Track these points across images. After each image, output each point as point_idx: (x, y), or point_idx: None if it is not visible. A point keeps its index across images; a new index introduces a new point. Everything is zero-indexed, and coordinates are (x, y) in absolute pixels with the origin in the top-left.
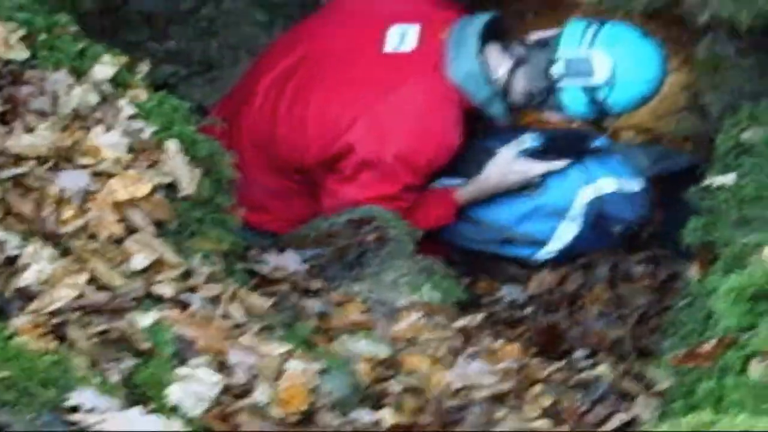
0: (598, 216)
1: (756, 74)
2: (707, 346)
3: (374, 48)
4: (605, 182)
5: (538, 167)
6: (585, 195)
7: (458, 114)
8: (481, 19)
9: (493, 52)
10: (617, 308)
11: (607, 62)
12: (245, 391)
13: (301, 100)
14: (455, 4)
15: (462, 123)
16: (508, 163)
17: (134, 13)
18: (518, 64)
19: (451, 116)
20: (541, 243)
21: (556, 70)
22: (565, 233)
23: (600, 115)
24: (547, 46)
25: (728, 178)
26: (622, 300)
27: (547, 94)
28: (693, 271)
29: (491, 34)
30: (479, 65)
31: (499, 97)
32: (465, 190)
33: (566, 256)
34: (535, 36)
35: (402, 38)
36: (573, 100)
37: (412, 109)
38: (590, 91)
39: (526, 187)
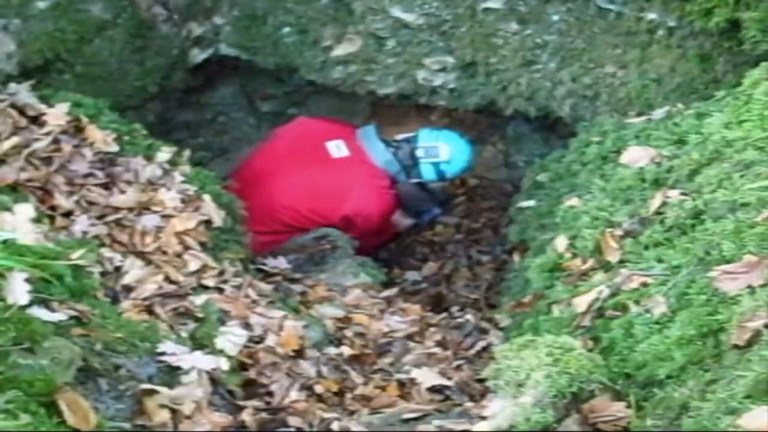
0: None
1: (542, 143)
2: (527, 299)
3: (327, 155)
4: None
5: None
6: None
7: (388, 181)
8: (372, 128)
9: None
10: (474, 281)
11: (447, 150)
12: (261, 339)
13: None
14: (345, 121)
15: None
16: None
17: (178, 122)
18: (397, 151)
19: (385, 184)
20: None
21: (419, 153)
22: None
23: (440, 180)
24: (409, 142)
25: (530, 203)
26: (477, 276)
27: (412, 167)
28: (515, 257)
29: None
30: (390, 154)
31: (402, 171)
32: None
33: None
34: (399, 136)
35: (339, 148)
36: (426, 170)
37: (369, 186)
38: (436, 165)
39: None
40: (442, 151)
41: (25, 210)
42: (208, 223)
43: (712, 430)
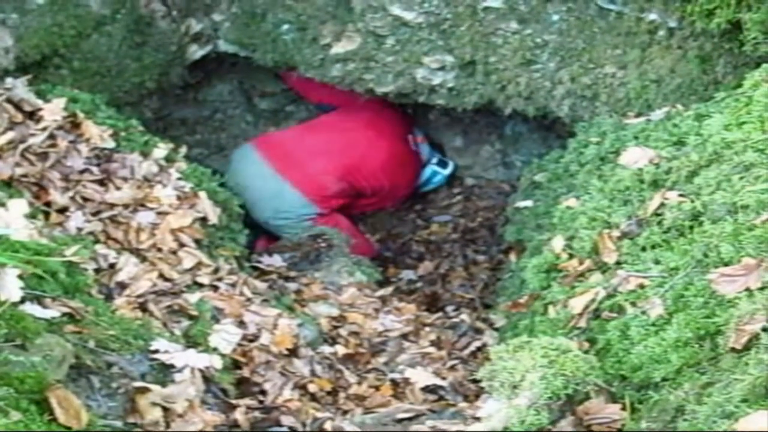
0: None
1: (540, 143)
2: (523, 299)
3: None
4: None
5: None
6: None
7: None
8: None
9: None
10: (470, 281)
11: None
12: (255, 337)
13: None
14: None
15: None
16: None
17: (175, 118)
18: None
19: None
20: None
21: (433, 160)
22: None
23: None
24: None
25: (527, 203)
26: (473, 276)
27: None
28: (512, 257)
29: None
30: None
31: None
32: None
33: None
34: None
35: (414, 143)
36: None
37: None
38: (434, 174)
39: None
40: (450, 166)
41: (19, 206)
42: (203, 220)
43: None
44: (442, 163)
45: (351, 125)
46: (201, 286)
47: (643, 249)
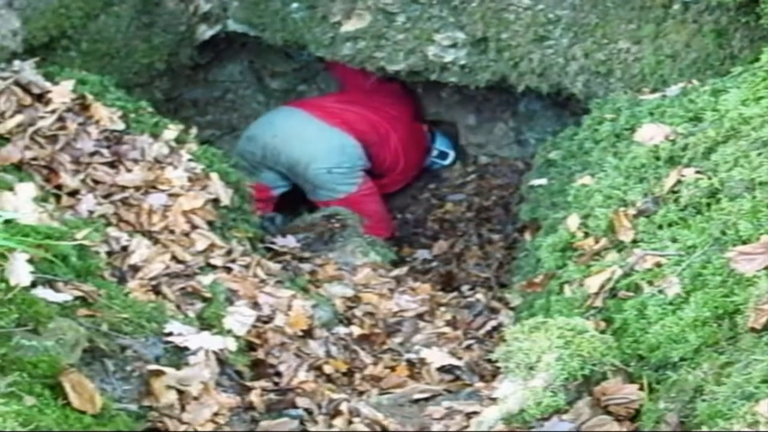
0: None
1: (555, 120)
2: (539, 279)
3: None
4: None
5: None
6: None
7: None
8: None
9: None
10: (485, 260)
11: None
12: (270, 318)
13: None
14: None
15: None
16: None
17: (186, 99)
18: None
19: None
20: None
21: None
22: None
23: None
24: None
25: (542, 181)
26: (488, 255)
27: None
28: (527, 236)
29: None
30: None
31: None
32: None
33: None
34: None
35: None
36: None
37: None
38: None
39: None
40: (450, 157)
41: (28, 189)
42: (215, 201)
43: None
44: (443, 155)
45: (373, 102)
46: (214, 267)
47: (660, 227)
